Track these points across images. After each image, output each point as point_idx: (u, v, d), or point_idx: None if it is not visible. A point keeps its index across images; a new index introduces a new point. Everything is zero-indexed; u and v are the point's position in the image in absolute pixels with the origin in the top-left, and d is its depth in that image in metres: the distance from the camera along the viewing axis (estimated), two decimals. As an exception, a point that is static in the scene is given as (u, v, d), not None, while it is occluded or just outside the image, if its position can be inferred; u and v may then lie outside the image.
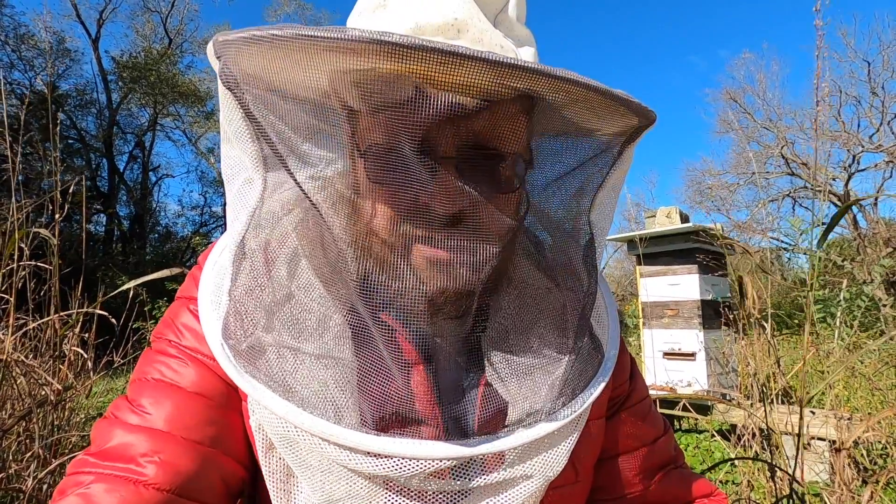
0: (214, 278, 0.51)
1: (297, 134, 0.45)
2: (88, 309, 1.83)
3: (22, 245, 1.70)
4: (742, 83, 14.39)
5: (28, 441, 1.54)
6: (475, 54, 0.34)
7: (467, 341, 0.49)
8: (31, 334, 1.79)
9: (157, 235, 17.00)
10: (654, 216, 4.08)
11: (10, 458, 1.50)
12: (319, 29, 0.35)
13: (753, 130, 13.78)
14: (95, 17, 14.74)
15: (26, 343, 1.81)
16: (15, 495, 1.38)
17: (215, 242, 0.58)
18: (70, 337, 1.82)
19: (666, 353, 3.76)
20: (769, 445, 1.96)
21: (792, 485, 1.35)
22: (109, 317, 1.88)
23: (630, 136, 0.49)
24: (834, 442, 2.27)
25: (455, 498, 0.45)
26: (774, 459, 1.70)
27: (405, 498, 0.44)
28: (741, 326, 2.11)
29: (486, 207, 0.43)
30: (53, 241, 1.77)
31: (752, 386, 2.16)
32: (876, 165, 11.70)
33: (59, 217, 1.84)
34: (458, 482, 0.45)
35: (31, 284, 1.80)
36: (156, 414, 0.48)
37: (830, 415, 2.41)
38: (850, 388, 2.92)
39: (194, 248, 14.19)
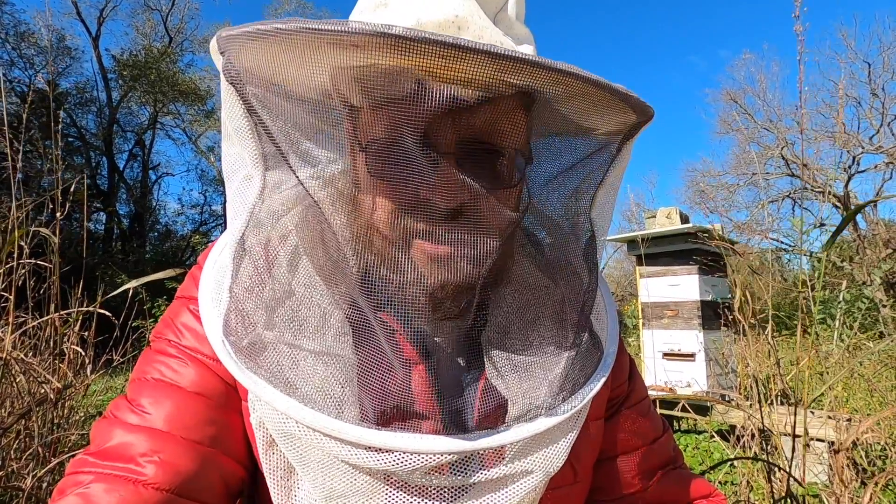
0: (215, 276, 0.52)
1: (299, 129, 0.45)
2: (88, 307, 1.83)
3: (22, 243, 1.70)
4: (742, 84, 14.39)
5: (27, 439, 1.53)
6: (478, 46, 0.34)
7: (468, 337, 0.49)
8: (30, 332, 1.79)
9: (156, 234, 17.01)
10: (655, 217, 4.08)
11: (9, 456, 1.49)
12: (324, 22, 0.35)
13: (754, 131, 13.77)
14: (96, 14, 14.76)
15: (26, 341, 1.81)
16: (14, 493, 1.38)
17: (215, 242, 0.58)
18: (70, 335, 1.81)
19: (665, 354, 3.76)
20: (768, 446, 1.96)
21: (790, 485, 1.35)
22: (110, 316, 1.88)
23: (628, 132, 0.49)
24: (833, 443, 2.28)
25: (456, 493, 0.45)
26: (773, 460, 1.70)
27: (405, 493, 0.44)
28: (741, 328, 2.11)
29: (487, 201, 0.43)
30: (54, 240, 1.77)
31: (751, 387, 2.16)
32: (876, 167, 11.69)
33: (60, 216, 1.83)
34: (458, 478, 0.45)
35: (30, 283, 1.80)
36: (155, 414, 0.48)
37: (830, 416, 2.41)
38: (849, 389, 2.92)
39: (194, 246, 14.20)
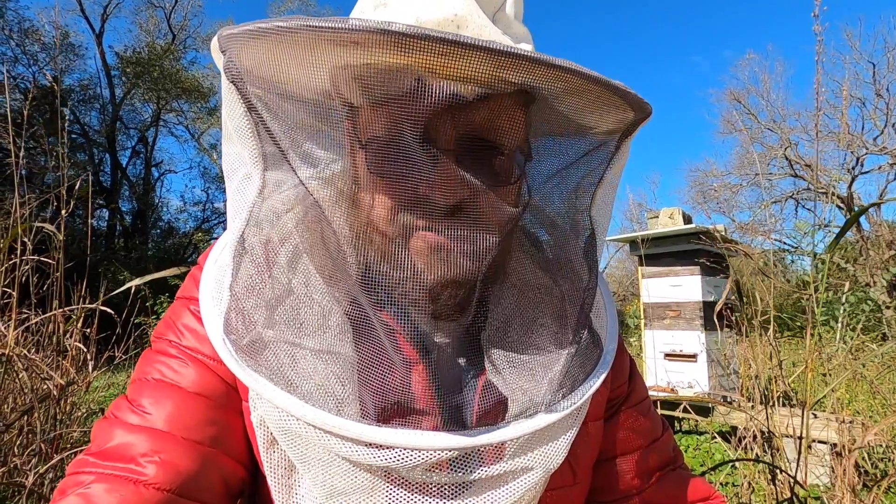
0: (216, 275, 0.52)
1: (300, 128, 0.45)
2: (91, 304, 1.83)
3: (25, 240, 1.70)
4: (746, 84, 14.36)
5: (30, 435, 1.54)
6: (478, 43, 0.35)
7: (468, 335, 0.49)
8: (33, 329, 1.80)
9: (159, 231, 17.08)
10: (657, 217, 4.07)
11: (11, 452, 1.50)
12: (324, 19, 0.36)
13: (757, 132, 13.73)
14: (99, 11, 14.81)
15: (29, 338, 1.82)
16: (16, 490, 1.38)
17: (215, 242, 0.58)
18: (72, 332, 1.82)
19: (667, 355, 3.76)
20: (770, 448, 1.95)
21: (794, 487, 1.34)
22: (112, 313, 1.88)
23: (626, 129, 0.49)
24: (835, 445, 2.27)
25: (456, 490, 0.45)
26: (775, 462, 1.70)
27: (406, 490, 0.44)
28: (744, 329, 2.10)
29: (486, 197, 0.43)
30: (59, 237, 1.77)
31: (753, 388, 2.15)
32: (880, 168, 11.65)
33: (65, 213, 1.84)
34: (458, 474, 0.45)
35: (34, 279, 1.81)
36: (156, 414, 0.48)
37: (832, 418, 2.40)
38: (851, 390, 2.91)
39: (196, 244, 14.24)
